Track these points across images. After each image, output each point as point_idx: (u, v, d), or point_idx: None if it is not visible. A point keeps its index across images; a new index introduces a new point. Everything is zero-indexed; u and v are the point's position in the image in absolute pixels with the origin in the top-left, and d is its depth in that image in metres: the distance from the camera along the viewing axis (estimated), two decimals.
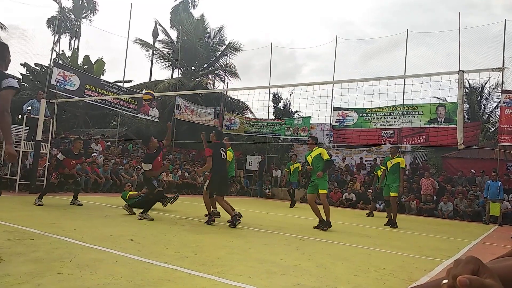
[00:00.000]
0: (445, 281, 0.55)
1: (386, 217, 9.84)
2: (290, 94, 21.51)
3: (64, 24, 32.57)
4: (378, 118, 16.88)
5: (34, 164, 10.46)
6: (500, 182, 12.19)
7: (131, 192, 8.38)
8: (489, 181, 12.47)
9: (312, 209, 7.29)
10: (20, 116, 17.84)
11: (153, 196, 7.20)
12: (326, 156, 7.40)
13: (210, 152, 6.97)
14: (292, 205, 13.32)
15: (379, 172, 10.78)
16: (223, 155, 7.03)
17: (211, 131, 7.78)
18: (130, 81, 23.74)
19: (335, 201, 15.81)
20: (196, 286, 2.95)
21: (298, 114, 21.26)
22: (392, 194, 8.81)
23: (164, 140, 7.71)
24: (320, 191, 7.31)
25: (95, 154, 14.10)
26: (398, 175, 8.82)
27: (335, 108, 17.64)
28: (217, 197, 7.02)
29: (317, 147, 7.63)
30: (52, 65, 15.58)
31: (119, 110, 17.41)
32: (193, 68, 25.42)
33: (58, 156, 8.66)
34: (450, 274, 0.54)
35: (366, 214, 12.03)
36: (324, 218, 7.20)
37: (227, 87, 24.68)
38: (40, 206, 7.43)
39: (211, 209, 7.48)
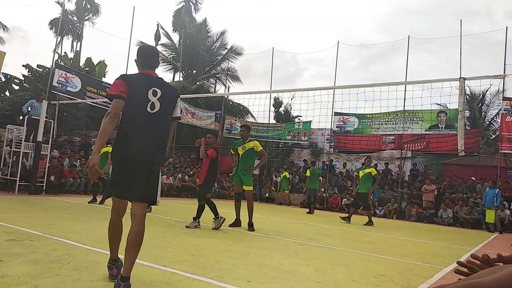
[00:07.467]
0: None
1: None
2: (291, 99, 21.56)
3: (66, 26, 32.75)
4: (379, 123, 16.90)
5: (34, 165, 10.45)
6: (497, 189, 12.25)
7: None
8: (488, 188, 12.63)
9: None
10: (21, 117, 17.86)
11: None
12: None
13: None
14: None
15: (361, 173, 10.30)
16: None
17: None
18: None
19: (335, 206, 15.79)
20: None
21: (298, 119, 21.28)
22: (246, 188, 7.11)
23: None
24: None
25: None
26: (251, 162, 7.14)
27: (336, 113, 17.67)
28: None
29: None
30: (54, 66, 15.63)
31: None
32: (194, 71, 25.49)
33: None
34: None
35: (341, 218, 10.76)
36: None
37: (228, 91, 24.76)
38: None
39: None
